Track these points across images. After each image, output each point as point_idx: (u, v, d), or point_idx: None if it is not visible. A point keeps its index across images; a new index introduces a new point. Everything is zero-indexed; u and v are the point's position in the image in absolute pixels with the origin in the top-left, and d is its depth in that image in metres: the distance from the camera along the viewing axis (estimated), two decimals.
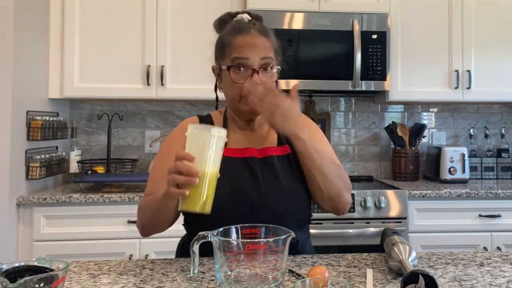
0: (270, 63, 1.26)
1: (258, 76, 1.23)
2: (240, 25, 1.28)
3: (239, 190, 1.22)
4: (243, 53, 1.23)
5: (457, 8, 2.83)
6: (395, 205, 2.47)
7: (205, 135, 1.02)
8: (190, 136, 1.03)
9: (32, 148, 2.45)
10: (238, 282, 0.93)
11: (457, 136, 3.24)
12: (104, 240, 2.33)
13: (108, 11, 2.67)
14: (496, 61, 2.86)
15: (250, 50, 1.24)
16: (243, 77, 1.24)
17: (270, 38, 1.29)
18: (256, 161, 1.27)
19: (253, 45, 1.24)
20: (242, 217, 1.18)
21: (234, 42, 1.25)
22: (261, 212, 1.21)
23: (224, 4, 2.65)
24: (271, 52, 1.27)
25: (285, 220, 1.22)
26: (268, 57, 1.25)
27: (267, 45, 1.26)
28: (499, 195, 2.54)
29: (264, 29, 1.29)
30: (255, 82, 1.19)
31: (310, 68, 2.66)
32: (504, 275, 1.09)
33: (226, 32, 1.30)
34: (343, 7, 2.70)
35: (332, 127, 3.15)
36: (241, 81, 1.24)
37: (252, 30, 1.27)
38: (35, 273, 0.82)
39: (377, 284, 1.02)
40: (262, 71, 1.25)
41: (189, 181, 0.99)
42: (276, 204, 1.23)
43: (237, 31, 1.27)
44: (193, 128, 1.03)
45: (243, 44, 1.24)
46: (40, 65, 2.57)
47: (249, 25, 1.28)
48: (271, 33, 1.31)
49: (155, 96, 2.68)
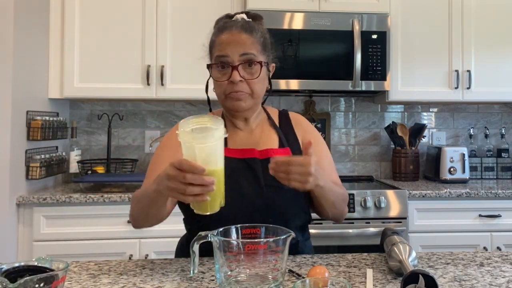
0: (252, 59, 1.24)
1: (238, 72, 1.22)
2: (225, 24, 1.29)
3: (241, 191, 1.22)
4: (223, 51, 1.24)
5: (457, 8, 2.83)
6: (395, 205, 2.47)
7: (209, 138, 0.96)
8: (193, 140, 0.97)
9: (32, 148, 2.45)
10: (238, 282, 0.93)
11: (457, 136, 3.24)
12: (104, 240, 2.33)
13: (108, 11, 2.67)
14: (496, 61, 2.86)
15: (229, 47, 1.23)
16: (225, 75, 1.24)
17: (254, 34, 1.26)
18: (258, 162, 1.26)
19: (233, 42, 1.24)
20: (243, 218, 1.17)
21: (216, 41, 1.27)
22: (262, 213, 1.21)
23: (224, 4, 2.65)
24: (254, 48, 1.25)
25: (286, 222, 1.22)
26: (248, 53, 1.24)
27: (248, 41, 1.24)
28: (499, 195, 2.54)
29: (248, 26, 1.27)
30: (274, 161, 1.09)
31: (310, 68, 2.66)
32: (504, 275, 1.09)
33: (213, 33, 1.31)
34: (343, 7, 2.70)
35: (332, 127, 3.15)
36: (223, 78, 1.24)
37: (234, 27, 1.26)
38: (35, 273, 0.82)
39: (377, 284, 1.02)
40: (245, 67, 1.24)
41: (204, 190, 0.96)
42: (277, 205, 1.23)
43: (220, 30, 1.27)
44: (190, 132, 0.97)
45: (224, 42, 1.25)
46: (40, 65, 2.57)
47: (232, 23, 1.28)
48: (257, 29, 1.28)
49: (155, 96, 2.68)
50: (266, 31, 1.33)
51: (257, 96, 1.28)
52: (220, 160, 1.00)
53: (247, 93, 1.25)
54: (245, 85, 1.24)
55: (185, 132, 0.96)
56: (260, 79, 1.26)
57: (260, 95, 1.29)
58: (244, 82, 1.24)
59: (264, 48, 1.28)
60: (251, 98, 1.26)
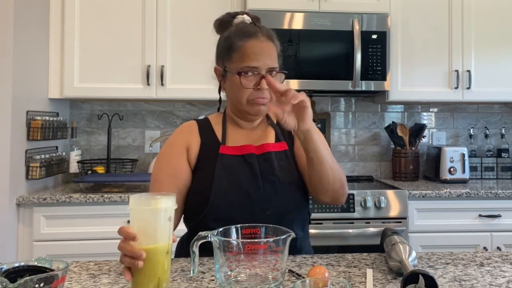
0: (276, 70, 1.29)
1: (269, 78, 1.24)
2: (248, 28, 1.30)
3: (238, 185, 1.26)
4: (253, 62, 1.25)
5: (457, 8, 2.83)
6: (395, 205, 2.47)
7: (145, 209, 0.92)
8: (131, 211, 0.93)
9: (32, 148, 2.44)
10: (238, 282, 0.93)
11: (457, 136, 3.24)
12: (104, 240, 2.33)
13: (108, 11, 2.67)
14: (496, 61, 2.86)
15: (260, 57, 1.26)
16: (251, 82, 1.26)
17: (275, 42, 1.32)
18: (254, 157, 1.30)
19: (263, 52, 1.27)
20: (242, 212, 1.21)
21: (243, 47, 1.27)
22: (260, 206, 1.24)
23: (224, 4, 2.65)
24: (276, 58, 1.30)
25: (284, 215, 1.24)
26: (275, 66, 1.28)
27: (273, 51, 1.30)
28: (499, 195, 2.54)
29: (270, 34, 1.32)
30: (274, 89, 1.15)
31: (310, 68, 2.66)
32: (504, 275, 1.09)
33: (232, 34, 1.30)
34: (343, 7, 2.70)
35: (332, 127, 3.15)
36: (250, 85, 1.26)
37: (260, 34, 1.29)
38: (35, 273, 0.82)
39: (377, 284, 1.02)
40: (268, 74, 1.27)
41: (133, 265, 0.89)
42: (274, 198, 1.25)
43: (245, 35, 1.28)
44: (134, 202, 0.93)
45: (253, 51, 1.26)
46: (40, 65, 2.57)
47: (256, 29, 1.30)
48: (275, 36, 1.34)
49: (155, 96, 2.68)
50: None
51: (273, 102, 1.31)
52: (162, 238, 0.92)
53: (268, 99, 1.28)
54: (267, 92, 1.26)
55: (134, 197, 0.93)
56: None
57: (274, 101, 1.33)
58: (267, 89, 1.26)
59: (279, 56, 1.33)
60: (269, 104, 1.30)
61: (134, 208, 0.92)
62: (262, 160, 1.30)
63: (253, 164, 1.28)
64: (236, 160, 1.29)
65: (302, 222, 1.34)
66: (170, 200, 0.94)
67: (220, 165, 1.27)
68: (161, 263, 0.92)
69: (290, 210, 1.28)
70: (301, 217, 1.33)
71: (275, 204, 1.25)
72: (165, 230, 0.93)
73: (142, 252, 0.89)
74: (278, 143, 1.34)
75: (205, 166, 1.29)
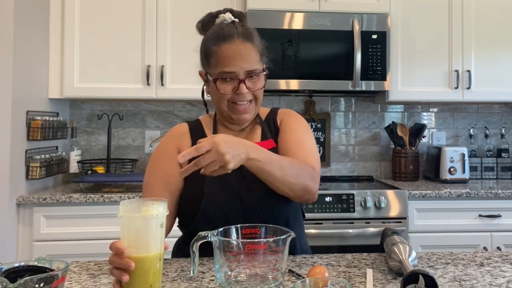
0: (257, 73, 1.24)
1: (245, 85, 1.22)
2: (223, 31, 1.25)
3: (229, 188, 1.24)
4: (229, 67, 1.21)
5: (457, 8, 2.83)
6: (395, 205, 2.47)
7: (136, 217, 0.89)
8: (121, 218, 0.90)
9: (32, 148, 2.44)
10: (238, 282, 0.93)
11: (457, 136, 3.24)
12: (104, 240, 2.32)
13: (108, 11, 2.67)
14: (496, 61, 2.86)
15: (236, 62, 1.21)
16: (230, 86, 1.24)
17: (254, 41, 1.25)
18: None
19: (238, 55, 1.21)
20: (235, 214, 1.20)
21: (218, 52, 1.23)
22: (252, 208, 1.22)
23: (224, 4, 2.65)
24: (256, 59, 1.24)
25: (276, 214, 1.23)
26: (254, 69, 1.23)
27: (252, 52, 1.23)
28: (499, 195, 2.54)
29: (247, 33, 1.25)
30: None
31: (310, 68, 2.66)
32: (504, 275, 1.09)
33: (208, 38, 1.27)
34: (343, 7, 2.70)
35: (332, 127, 3.15)
36: (229, 91, 1.24)
37: (235, 36, 1.23)
38: (35, 273, 0.82)
39: (377, 284, 1.02)
40: (248, 79, 1.24)
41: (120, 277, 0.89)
42: (265, 199, 1.23)
43: (220, 39, 1.23)
44: (124, 209, 0.90)
45: (228, 55, 1.22)
46: (40, 65, 2.57)
47: (231, 30, 1.24)
48: (254, 34, 1.27)
49: (155, 96, 2.68)
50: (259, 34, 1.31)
51: (259, 103, 1.30)
52: (154, 246, 0.90)
53: (251, 100, 1.26)
54: (250, 94, 1.25)
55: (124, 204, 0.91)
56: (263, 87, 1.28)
57: (261, 101, 1.31)
58: (249, 91, 1.24)
59: (261, 54, 1.28)
60: (254, 106, 1.28)
61: (124, 215, 0.89)
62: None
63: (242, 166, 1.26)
64: None
65: (297, 220, 1.33)
66: (161, 206, 0.92)
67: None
68: (152, 270, 0.90)
69: (282, 209, 1.26)
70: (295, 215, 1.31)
71: (266, 204, 1.23)
72: (157, 237, 0.90)
73: (131, 263, 0.87)
74: (265, 141, 1.31)
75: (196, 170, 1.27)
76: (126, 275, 0.88)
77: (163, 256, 0.94)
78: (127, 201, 0.92)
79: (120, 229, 0.91)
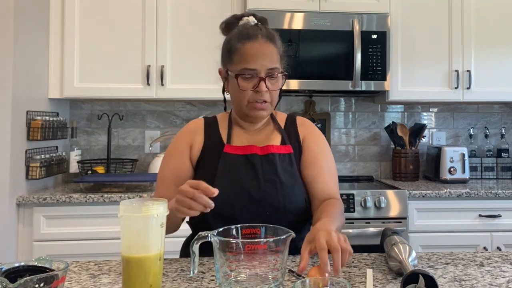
0: (276, 72, 1.29)
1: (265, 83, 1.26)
2: (248, 31, 1.30)
3: (239, 185, 1.27)
4: (251, 64, 1.26)
5: (457, 8, 2.83)
6: (395, 205, 2.47)
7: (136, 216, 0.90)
8: (121, 218, 0.90)
9: (32, 148, 2.44)
10: (238, 282, 0.93)
11: (457, 136, 3.24)
12: (104, 240, 2.33)
13: (108, 11, 2.67)
14: (496, 61, 2.86)
15: (258, 59, 1.26)
16: (250, 84, 1.27)
17: (277, 43, 1.31)
18: (258, 157, 1.31)
19: (261, 54, 1.26)
20: (242, 211, 1.22)
21: (242, 49, 1.27)
22: (259, 206, 1.25)
23: (224, 4, 2.65)
24: (277, 59, 1.30)
25: (283, 215, 1.25)
26: (274, 67, 1.28)
27: (274, 52, 1.29)
28: (499, 195, 2.54)
29: (271, 35, 1.31)
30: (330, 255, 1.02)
31: (310, 68, 2.66)
32: (504, 275, 1.09)
33: (233, 37, 1.31)
34: (343, 7, 2.70)
35: (332, 127, 3.15)
36: (249, 88, 1.27)
37: (260, 36, 1.28)
38: (35, 273, 0.82)
39: (377, 284, 1.02)
40: (269, 78, 1.28)
41: (202, 208, 1.02)
42: (274, 198, 1.26)
43: (244, 38, 1.28)
44: (124, 209, 0.90)
45: (251, 53, 1.26)
46: (40, 65, 2.57)
47: (256, 31, 1.30)
48: (277, 37, 1.33)
49: (155, 96, 2.68)
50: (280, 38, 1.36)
51: (274, 104, 1.34)
52: (155, 246, 0.91)
53: (269, 102, 1.29)
54: (268, 94, 1.28)
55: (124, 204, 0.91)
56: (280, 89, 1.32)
57: (276, 102, 1.34)
58: (268, 91, 1.27)
59: (281, 57, 1.33)
60: (270, 107, 1.32)
61: (124, 215, 0.90)
62: (265, 160, 1.30)
63: (256, 164, 1.29)
64: (239, 160, 1.30)
65: (301, 223, 1.34)
66: (161, 206, 0.92)
67: (223, 164, 1.29)
68: (153, 270, 0.90)
69: (289, 211, 1.28)
70: (300, 218, 1.33)
71: (274, 204, 1.26)
72: (157, 237, 0.91)
73: (212, 204, 1.02)
74: (283, 146, 1.35)
75: (207, 164, 1.31)
76: (211, 205, 1.01)
77: (163, 256, 0.94)
78: (127, 201, 0.93)
79: (120, 229, 0.91)
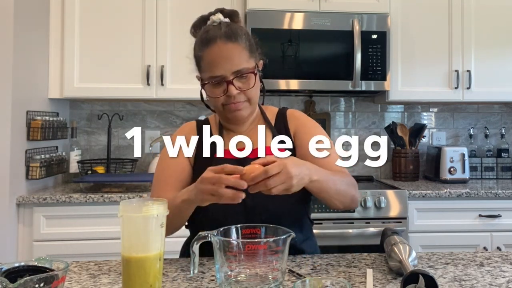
0: (244, 72, 1.23)
1: (233, 86, 1.22)
2: (207, 34, 1.26)
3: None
4: (215, 71, 1.22)
5: (457, 8, 2.83)
6: (395, 205, 2.47)
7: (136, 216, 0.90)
8: (121, 218, 0.90)
9: (32, 148, 2.44)
10: (238, 282, 0.93)
11: (457, 136, 3.24)
12: (104, 240, 2.33)
13: (108, 11, 2.67)
14: (496, 61, 2.86)
15: (220, 65, 1.21)
16: (220, 89, 1.24)
17: (239, 40, 1.24)
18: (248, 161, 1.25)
19: (223, 58, 1.21)
20: (237, 218, 1.18)
21: (204, 57, 1.25)
22: (254, 212, 1.22)
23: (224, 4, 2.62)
24: (243, 58, 1.23)
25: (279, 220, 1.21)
26: (240, 69, 1.22)
27: (237, 51, 1.23)
28: (499, 195, 2.54)
29: (230, 33, 1.24)
30: (251, 173, 1.03)
31: (310, 68, 2.66)
32: (504, 275, 1.09)
33: (196, 44, 1.29)
34: (343, 7, 2.70)
35: (332, 127, 3.15)
36: (219, 94, 1.24)
37: (218, 38, 1.23)
38: (35, 273, 0.82)
39: (377, 284, 1.02)
40: (238, 79, 1.23)
41: (233, 198, 1.00)
42: (268, 203, 1.22)
43: (204, 44, 1.25)
44: (124, 208, 0.90)
45: (213, 59, 1.23)
46: (40, 65, 2.57)
47: (216, 32, 1.24)
48: (240, 33, 1.25)
49: (155, 96, 2.67)
50: (247, 31, 1.30)
51: (254, 102, 1.29)
52: (155, 246, 0.90)
53: (244, 101, 1.26)
54: (241, 95, 1.24)
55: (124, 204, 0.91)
56: (255, 86, 1.26)
57: (257, 100, 1.30)
58: (241, 92, 1.24)
59: (251, 51, 1.27)
60: (249, 106, 1.28)
61: (124, 215, 0.89)
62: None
63: None
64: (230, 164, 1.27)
65: (299, 225, 1.32)
66: (161, 206, 0.92)
67: None
68: (153, 270, 0.90)
69: (284, 214, 1.25)
70: (298, 220, 1.31)
71: (268, 208, 1.22)
72: (157, 237, 0.91)
73: (245, 184, 0.99)
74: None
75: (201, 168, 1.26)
76: (241, 194, 0.99)
77: (163, 256, 0.94)
78: (127, 201, 0.93)
79: (120, 229, 0.91)
